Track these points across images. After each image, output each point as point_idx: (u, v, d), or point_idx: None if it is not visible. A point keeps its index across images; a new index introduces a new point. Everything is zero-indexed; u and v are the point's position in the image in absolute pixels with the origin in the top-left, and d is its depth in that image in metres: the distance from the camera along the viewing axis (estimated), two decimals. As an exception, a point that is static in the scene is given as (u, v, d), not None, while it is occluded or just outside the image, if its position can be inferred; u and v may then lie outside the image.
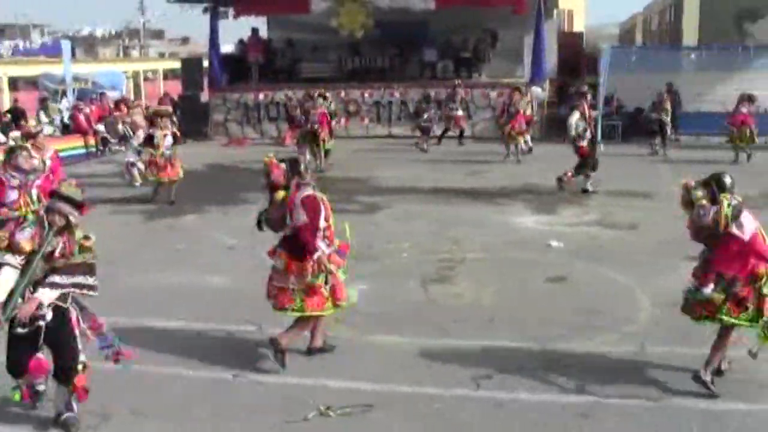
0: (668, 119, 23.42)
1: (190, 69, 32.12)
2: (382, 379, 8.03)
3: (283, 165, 8.45)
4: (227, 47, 32.97)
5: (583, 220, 15.24)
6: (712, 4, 31.44)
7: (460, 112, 25.82)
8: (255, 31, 31.47)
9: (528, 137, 23.27)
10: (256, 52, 30.80)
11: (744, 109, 21.81)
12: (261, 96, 29.22)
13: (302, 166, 8.41)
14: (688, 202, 7.81)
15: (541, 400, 7.58)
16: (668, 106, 23.69)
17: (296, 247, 8.18)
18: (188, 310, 10.18)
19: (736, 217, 7.48)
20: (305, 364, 8.44)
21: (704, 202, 7.62)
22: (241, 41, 32.25)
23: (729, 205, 7.51)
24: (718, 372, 7.91)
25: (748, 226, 7.51)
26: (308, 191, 8.22)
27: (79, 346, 6.91)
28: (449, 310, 10.14)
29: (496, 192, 17.96)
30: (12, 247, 6.63)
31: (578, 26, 42.73)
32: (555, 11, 31.43)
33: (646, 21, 43.96)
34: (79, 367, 6.86)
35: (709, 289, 7.59)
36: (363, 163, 21.64)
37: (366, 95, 28.84)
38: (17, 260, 6.59)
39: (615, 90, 26.69)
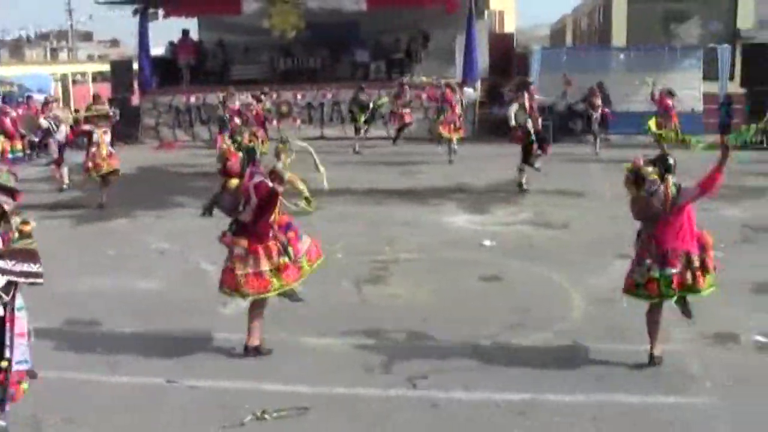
0: (597, 115, 23.69)
1: (119, 72, 31.62)
2: (317, 382, 7.98)
3: (240, 154, 8.75)
4: (158, 49, 32.57)
5: (516, 219, 15.34)
6: (639, 6, 31.90)
7: (407, 110, 25.53)
8: (185, 32, 31.15)
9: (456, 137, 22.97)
10: (186, 54, 30.51)
11: (669, 101, 22.11)
12: (192, 98, 28.88)
13: (257, 156, 8.60)
14: (635, 180, 8.03)
15: (477, 398, 7.59)
16: (598, 102, 23.99)
17: (255, 231, 8.36)
18: (120, 315, 10.02)
19: (677, 195, 7.89)
20: (240, 367, 8.36)
21: (655, 176, 7.92)
22: (171, 43, 31.90)
23: (673, 184, 7.91)
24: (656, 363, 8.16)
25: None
26: (260, 179, 8.42)
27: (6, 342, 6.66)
28: (383, 311, 10.12)
29: (428, 192, 17.99)
30: None
31: (509, 27, 43.08)
32: (486, 12, 31.67)
33: (576, 22, 44.41)
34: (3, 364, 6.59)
35: (676, 269, 7.90)
36: (295, 165, 21.43)
37: (298, 96, 28.72)
38: None
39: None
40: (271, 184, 8.38)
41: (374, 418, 7.27)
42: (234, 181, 8.48)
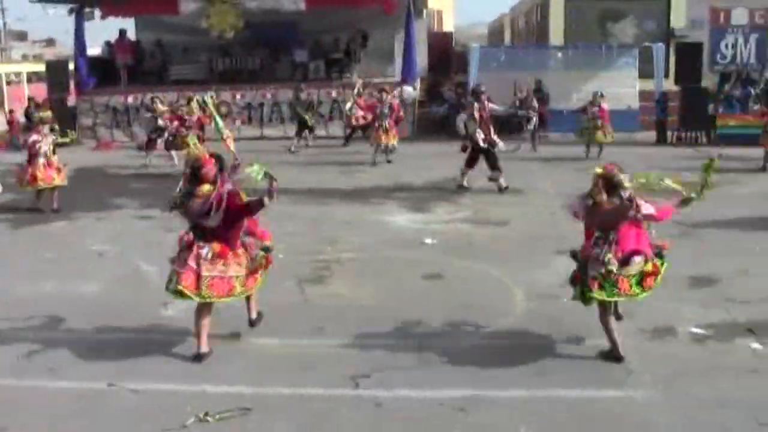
0: (534, 115, 23.91)
1: (55, 72, 31.05)
2: (260, 382, 7.96)
3: (213, 160, 8.63)
4: (95, 49, 32.16)
5: (456, 218, 15.42)
6: (576, 5, 32.27)
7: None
8: (122, 32, 30.79)
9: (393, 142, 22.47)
10: (124, 54, 30.17)
11: (605, 105, 22.44)
12: (130, 99, 28.57)
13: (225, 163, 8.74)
14: (606, 187, 8.14)
15: (420, 396, 7.63)
16: (534, 102, 24.23)
17: (226, 236, 8.48)
18: (59, 319, 9.86)
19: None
20: (182, 370, 8.31)
21: (629, 185, 8.16)
22: (108, 43, 31.51)
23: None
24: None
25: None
26: (231, 187, 8.60)
27: None
28: (326, 310, 10.11)
29: (369, 191, 18.01)
30: None
31: (448, 26, 43.33)
32: (425, 11, 31.78)
33: (514, 21, 44.79)
34: None
35: (640, 257, 8.14)
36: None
37: (237, 97, 28.58)
38: None
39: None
40: (244, 198, 8.59)
41: (317, 418, 7.27)
42: (206, 187, 8.40)
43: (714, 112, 25.97)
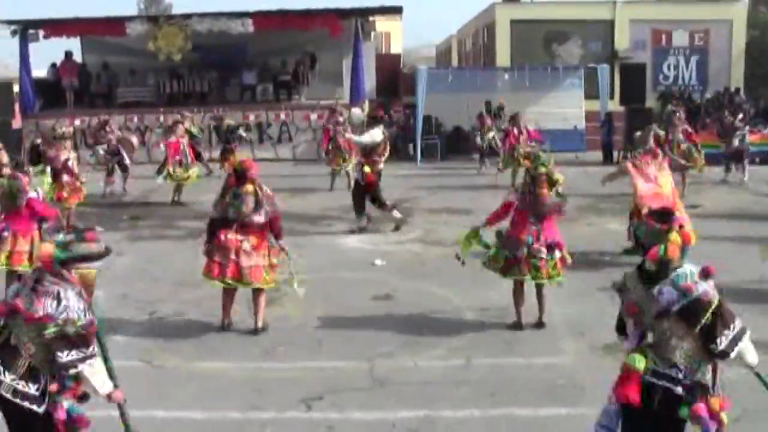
0: (492, 136, 24.03)
1: (-1, 94, 30.72)
2: (211, 407, 7.90)
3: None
4: (41, 71, 31.80)
5: (406, 238, 15.46)
6: (522, 27, 32.65)
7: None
8: (68, 54, 30.46)
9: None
10: (69, 75, 29.87)
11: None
12: (77, 121, 28.24)
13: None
14: (550, 183, 9.89)
15: (372, 418, 7.63)
16: (489, 123, 24.40)
17: (262, 230, 9.98)
18: None
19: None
20: (130, 394, 8.18)
21: (561, 180, 10.03)
22: (53, 65, 31.17)
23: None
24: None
25: None
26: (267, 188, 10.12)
27: None
28: (276, 333, 10.06)
29: (318, 213, 17.98)
30: None
31: (396, 48, 43.56)
32: (372, 33, 31.88)
33: (461, 43, 45.13)
34: None
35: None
36: (186, 188, 21.11)
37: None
38: None
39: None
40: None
41: (270, 442, 7.23)
42: (250, 187, 9.87)
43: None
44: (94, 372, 5.83)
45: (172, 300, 11.50)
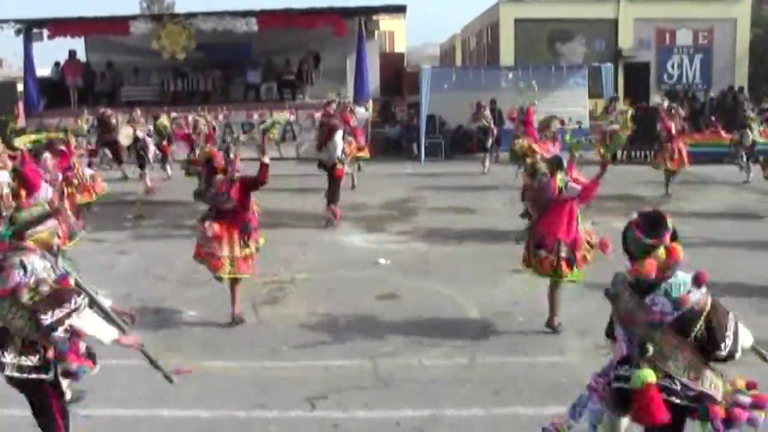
0: (489, 128, 23.97)
1: (2, 93, 30.79)
2: (216, 406, 7.91)
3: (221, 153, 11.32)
4: (45, 70, 31.82)
5: (410, 237, 15.45)
6: (526, 26, 32.66)
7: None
8: (72, 53, 30.48)
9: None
10: (73, 75, 29.88)
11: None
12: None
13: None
14: (532, 173, 10.20)
15: (377, 417, 7.63)
16: (487, 114, 24.32)
17: (236, 218, 10.30)
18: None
19: (564, 188, 9.54)
20: (136, 394, 8.22)
21: (546, 171, 9.80)
22: (57, 64, 31.20)
23: (561, 179, 9.60)
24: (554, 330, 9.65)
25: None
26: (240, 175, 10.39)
27: None
28: (281, 332, 10.08)
29: (322, 212, 17.94)
30: None
31: (400, 47, 43.54)
32: (376, 32, 31.90)
33: (465, 42, 45.16)
34: None
35: (545, 250, 9.58)
36: (188, 187, 21.13)
37: (189, 118, 28.36)
38: None
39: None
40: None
41: (274, 440, 7.24)
42: (221, 176, 10.34)
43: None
44: (87, 323, 5.91)
45: (176, 299, 11.51)
